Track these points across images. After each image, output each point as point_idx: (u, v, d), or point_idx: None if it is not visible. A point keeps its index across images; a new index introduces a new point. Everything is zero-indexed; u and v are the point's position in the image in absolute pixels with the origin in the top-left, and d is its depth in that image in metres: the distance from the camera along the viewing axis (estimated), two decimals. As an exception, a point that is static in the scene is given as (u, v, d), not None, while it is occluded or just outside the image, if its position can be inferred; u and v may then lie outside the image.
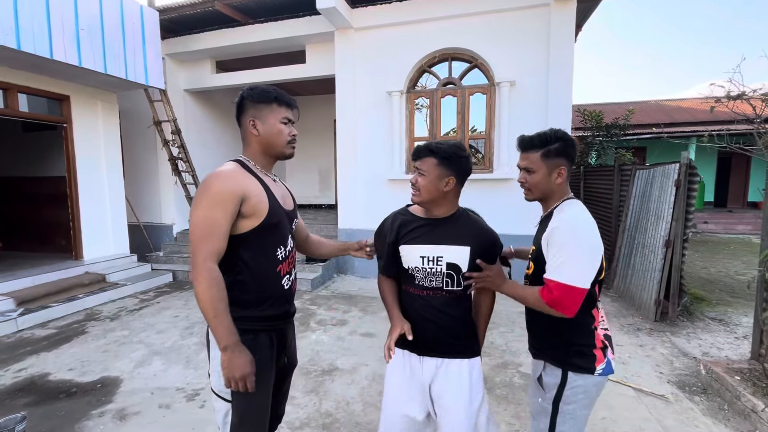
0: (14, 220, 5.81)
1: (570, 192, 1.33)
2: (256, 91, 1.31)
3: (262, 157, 1.35)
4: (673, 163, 4.04)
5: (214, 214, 1.16)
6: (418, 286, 1.39)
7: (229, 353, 1.15)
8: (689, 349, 3.29)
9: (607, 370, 1.25)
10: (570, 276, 1.16)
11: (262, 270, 1.29)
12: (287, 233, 1.38)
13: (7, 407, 2.50)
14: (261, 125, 1.30)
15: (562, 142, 1.27)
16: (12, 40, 3.75)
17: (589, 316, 1.26)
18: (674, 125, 11.11)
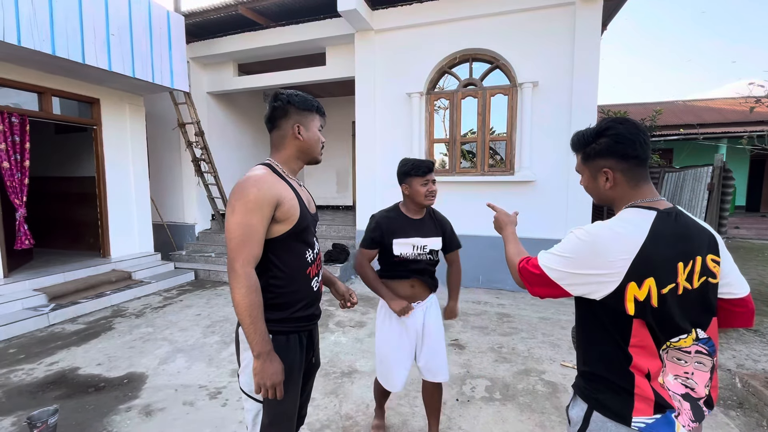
0: (46, 219, 6.05)
1: (648, 195, 1.03)
2: (299, 98, 1.34)
3: (295, 162, 1.38)
4: (705, 166, 3.88)
5: (250, 220, 1.17)
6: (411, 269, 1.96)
7: (262, 361, 1.17)
8: (722, 361, 3.15)
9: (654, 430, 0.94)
10: (545, 259, 1.06)
11: (293, 273, 1.31)
12: (313, 236, 1.41)
13: (40, 399, 2.59)
14: (305, 131, 1.34)
15: (603, 138, 1.05)
16: (48, 46, 3.90)
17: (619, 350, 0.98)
18: (703, 126, 10.70)
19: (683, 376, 0.99)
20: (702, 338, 0.99)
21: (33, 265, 4.99)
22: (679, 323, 0.96)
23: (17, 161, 4.41)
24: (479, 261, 5.27)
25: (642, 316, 0.94)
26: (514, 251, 1.25)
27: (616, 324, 0.98)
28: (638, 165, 1.03)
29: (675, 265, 0.95)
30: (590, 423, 1.01)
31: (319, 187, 10.03)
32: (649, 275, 0.93)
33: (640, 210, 1.00)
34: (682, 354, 0.98)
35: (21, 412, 2.44)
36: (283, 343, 1.28)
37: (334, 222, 7.04)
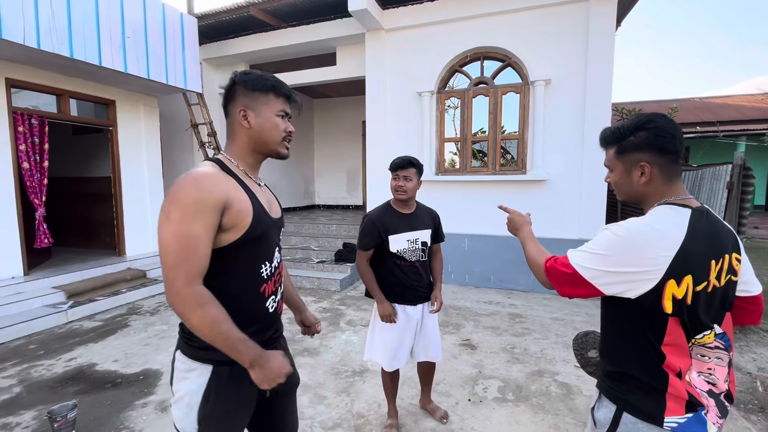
0: (64, 218, 6.19)
1: (680, 193, 1.02)
2: (251, 76, 1.12)
3: (250, 155, 1.15)
4: (724, 165, 3.79)
5: (191, 229, 0.93)
6: (407, 261, 2.08)
7: (257, 369, 0.99)
8: (743, 364, 3.07)
9: (687, 429, 0.93)
10: (578, 257, 1.01)
11: (242, 292, 1.08)
12: (273, 246, 1.17)
13: (59, 394, 2.66)
14: (254, 117, 1.10)
15: (642, 131, 1.02)
16: (66, 49, 3.99)
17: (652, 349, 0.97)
18: (721, 123, 10.45)
19: (706, 372, 0.99)
20: (719, 333, 1.00)
21: (51, 264, 5.11)
22: (703, 320, 0.96)
23: (36, 162, 4.52)
24: (490, 261, 5.24)
25: (678, 314, 0.93)
26: (535, 250, 1.19)
27: (651, 322, 0.96)
28: (674, 161, 1.01)
29: (709, 263, 0.95)
30: (620, 425, 0.99)
31: (329, 187, 10.09)
32: (688, 273, 0.92)
33: (675, 207, 0.99)
34: (705, 350, 0.98)
35: (41, 406, 2.50)
36: (226, 375, 1.05)
37: (345, 221, 7.06)
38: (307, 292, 5.11)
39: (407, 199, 2.07)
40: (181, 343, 1.10)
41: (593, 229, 4.78)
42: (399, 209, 2.11)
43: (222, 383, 1.05)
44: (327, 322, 4.02)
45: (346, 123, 9.56)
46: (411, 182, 2.02)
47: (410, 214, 2.12)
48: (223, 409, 1.06)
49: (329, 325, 3.91)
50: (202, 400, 1.04)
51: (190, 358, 1.07)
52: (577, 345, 1.41)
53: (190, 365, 1.06)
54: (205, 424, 1.04)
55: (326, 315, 4.22)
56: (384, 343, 2.13)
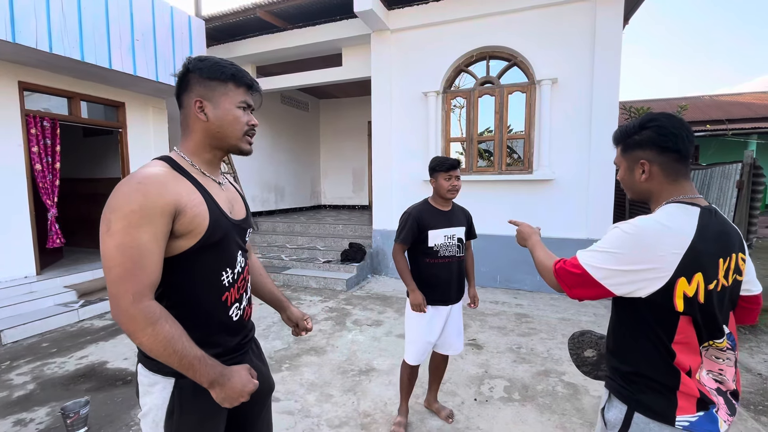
0: (75, 218, 6.29)
1: (687, 192, 1.02)
2: (206, 62, 0.99)
3: (207, 151, 1.03)
4: (734, 163, 3.74)
5: (137, 239, 0.83)
6: (441, 256, 2.14)
7: (219, 388, 0.90)
8: (753, 365, 3.04)
9: (700, 427, 0.93)
10: (587, 257, 1.00)
11: (201, 303, 0.98)
12: (236, 250, 1.05)
13: (72, 391, 2.71)
14: (211, 109, 0.98)
15: (645, 130, 1.03)
16: (77, 53, 4.06)
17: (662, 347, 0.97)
18: (732, 122, 10.30)
19: (717, 372, 0.99)
20: (726, 333, 1.00)
21: (63, 263, 5.20)
22: (719, 321, 0.97)
23: (48, 163, 4.60)
24: (497, 261, 5.22)
25: (690, 312, 0.94)
26: (543, 255, 1.19)
27: (662, 321, 0.96)
28: (678, 160, 1.01)
29: (717, 261, 0.96)
30: (632, 425, 0.98)
31: (335, 187, 10.13)
32: (698, 270, 0.92)
33: (684, 205, 0.99)
34: (719, 353, 0.99)
35: (54, 402, 2.55)
36: (189, 388, 0.95)
37: (351, 222, 7.09)
38: (313, 292, 5.14)
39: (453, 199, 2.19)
40: (141, 356, 0.99)
41: (601, 228, 4.75)
42: (438, 206, 2.20)
43: (186, 396, 0.96)
44: (333, 321, 4.04)
45: (351, 123, 9.60)
46: (460, 181, 2.15)
47: (448, 211, 2.21)
48: (190, 423, 0.97)
49: (335, 325, 3.93)
50: (166, 415, 0.95)
51: (151, 371, 0.97)
52: (573, 344, 1.39)
53: (152, 379, 0.97)
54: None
55: (332, 314, 4.24)
56: (411, 338, 2.20)
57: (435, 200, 2.22)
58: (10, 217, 4.23)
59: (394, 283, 5.54)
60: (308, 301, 4.73)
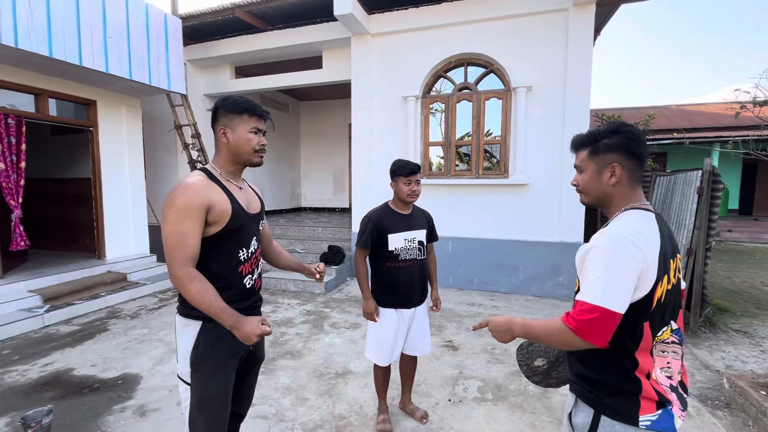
0: (42, 220, 6.03)
1: (641, 199, 1.09)
2: (229, 101, 1.38)
3: (231, 165, 1.42)
4: (695, 170, 3.94)
5: (182, 226, 1.23)
6: (402, 260, 2.17)
7: (235, 331, 1.22)
8: (711, 362, 3.20)
9: (660, 425, 0.99)
10: (600, 296, 0.94)
11: (222, 270, 1.35)
12: (251, 235, 1.45)
13: (34, 400, 2.60)
14: (231, 134, 1.37)
15: (615, 135, 1.08)
16: (45, 48, 3.92)
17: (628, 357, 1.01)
18: (696, 130, 10.83)
19: (666, 367, 1.04)
20: (674, 329, 1.06)
21: (28, 267, 4.98)
22: (666, 317, 1.03)
23: (13, 162, 4.41)
24: (473, 263, 5.31)
25: (651, 316, 0.99)
26: (542, 324, 1.07)
27: (630, 330, 0.99)
28: (639, 166, 1.08)
29: (670, 261, 1.03)
30: (599, 428, 1.03)
31: (315, 189, 10.07)
32: (665, 272, 0.99)
33: (642, 211, 1.05)
34: (664, 346, 1.05)
35: (15, 412, 2.44)
36: (212, 329, 1.33)
37: (330, 224, 7.07)
38: (291, 295, 5.10)
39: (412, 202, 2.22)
40: (179, 307, 1.39)
41: (573, 232, 4.90)
42: (398, 210, 2.22)
43: (209, 335, 1.33)
44: (311, 324, 4.02)
45: (332, 125, 9.58)
46: (420, 186, 2.19)
47: (408, 214, 2.23)
48: (209, 354, 1.33)
49: (313, 328, 3.92)
50: (192, 347, 1.32)
51: (185, 317, 1.36)
52: (522, 355, 1.33)
53: (185, 322, 1.35)
54: (196, 366, 1.32)
55: (310, 318, 4.22)
56: (377, 340, 2.23)
57: (395, 203, 2.24)
58: (-30, 218, 4.03)
59: (373, 285, 5.54)
60: (286, 305, 4.69)
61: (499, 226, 5.24)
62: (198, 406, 1.32)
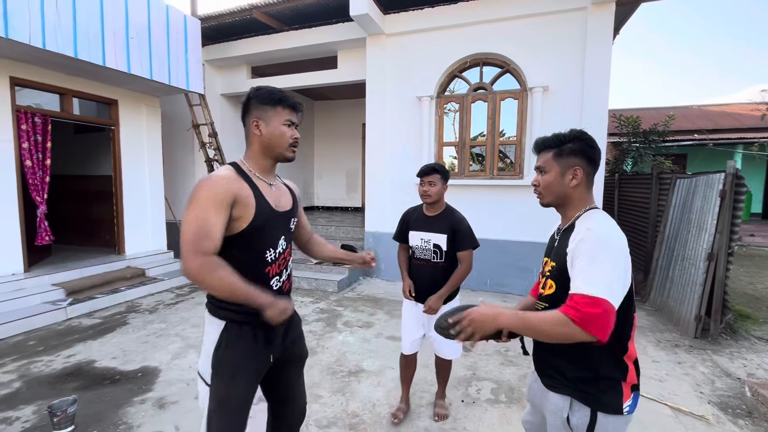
0: (64, 216, 6.22)
1: (593, 201, 1.21)
2: (262, 91, 1.32)
3: (263, 159, 1.35)
4: (717, 173, 3.84)
5: (205, 214, 1.17)
6: (417, 258, 2.31)
7: (266, 310, 1.21)
8: (733, 369, 3.12)
9: (634, 407, 1.12)
10: (603, 289, 0.96)
11: (248, 271, 1.27)
12: (278, 235, 1.38)
13: (59, 390, 2.69)
14: (264, 126, 1.30)
15: (578, 141, 1.18)
16: (70, 49, 4.04)
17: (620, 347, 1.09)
18: (719, 132, 10.53)
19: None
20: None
21: (51, 261, 5.14)
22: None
23: (39, 160, 4.56)
24: (487, 265, 5.27)
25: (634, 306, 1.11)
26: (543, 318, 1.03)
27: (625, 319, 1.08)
28: (595, 172, 1.21)
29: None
30: (597, 424, 1.09)
31: (328, 189, 10.14)
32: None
33: (604, 212, 1.17)
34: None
35: (41, 401, 2.53)
36: (235, 330, 1.30)
37: (343, 223, 7.11)
38: (304, 293, 5.15)
39: (432, 202, 2.26)
40: (207, 304, 1.36)
41: (589, 234, 4.82)
42: (425, 211, 2.33)
43: (231, 336, 1.29)
44: (324, 322, 4.06)
45: (346, 125, 9.63)
46: (435, 187, 2.22)
47: (432, 216, 2.29)
48: (231, 357, 1.29)
49: (326, 326, 3.95)
50: (215, 348, 1.29)
51: (212, 315, 1.33)
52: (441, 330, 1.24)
53: (211, 320, 1.32)
54: (216, 368, 1.29)
55: (323, 316, 4.26)
56: (402, 328, 2.41)
57: (424, 205, 2.35)
58: (-1, 213, 4.19)
59: (386, 285, 5.57)
60: (299, 302, 4.74)
61: (513, 227, 5.20)
62: (216, 409, 1.28)
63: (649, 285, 4.87)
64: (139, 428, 2.29)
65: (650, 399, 2.64)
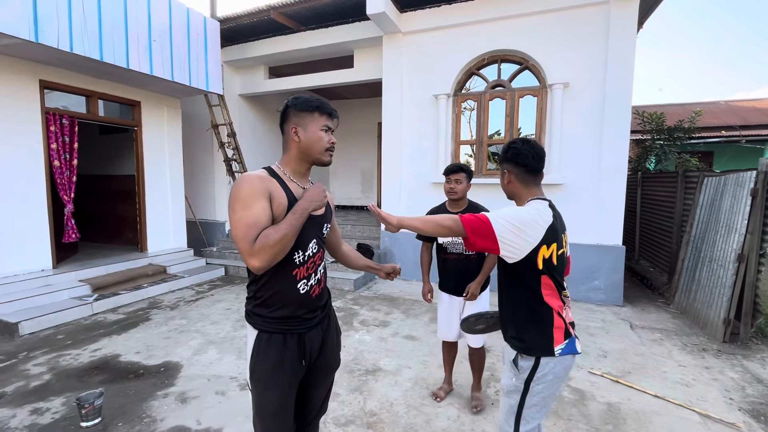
0: (90, 214, 6.43)
1: (538, 194, 1.50)
2: (300, 100, 1.36)
3: (299, 163, 1.39)
4: (748, 171, 3.69)
5: (250, 210, 1.21)
6: (449, 252, 2.45)
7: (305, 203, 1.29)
8: (765, 375, 2.99)
9: (568, 350, 1.41)
10: (494, 218, 1.37)
11: (276, 270, 1.30)
12: (310, 237, 1.38)
13: (86, 383, 2.78)
14: (303, 132, 1.34)
15: (507, 151, 1.52)
16: (96, 53, 4.16)
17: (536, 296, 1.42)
18: (748, 128, 10.12)
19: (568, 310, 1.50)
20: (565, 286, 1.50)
21: (78, 258, 5.32)
22: (562, 277, 1.47)
23: (66, 160, 4.72)
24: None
25: (547, 271, 1.40)
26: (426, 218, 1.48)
27: (532, 276, 1.41)
28: (526, 172, 1.49)
29: (562, 236, 1.46)
30: (539, 367, 1.41)
31: (344, 188, 10.18)
32: (554, 241, 1.40)
33: (540, 201, 1.48)
34: (566, 299, 1.49)
35: (69, 393, 2.62)
36: (265, 340, 1.33)
37: (359, 222, 7.12)
38: (321, 291, 5.18)
39: (458, 199, 2.41)
40: (245, 311, 1.41)
41: (611, 234, 4.71)
42: (449, 207, 2.48)
43: (262, 346, 1.33)
44: (340, 321, 4.07)
45: (361, 124, 9.64)
46: (461, 185, 2.38)
47: (457, 212, 2.38)
48: (264, 367, 1.33)
49: (343, 325, 3.97)
50: (251, 356, 1.35)
51: (249, 323, 1.38)
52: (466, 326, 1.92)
53: (250, 328, 1.38)
54: (252, 378, 1.35)
55: (340, 314, 4.28)
56: (438, 318, 2.61)
57: (448, 202, 2.50)
58: (30, 211, 4.35)
59: (402, 284, 5.55)
60: (316, 301, 4.77)
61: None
62: (256, 416, 1.36)
63: (674, 287, 4.72)
64: (162, 422, 2.35)
65: (677, 404, 2.56)
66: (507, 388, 1.51)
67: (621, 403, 2.58)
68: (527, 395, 1.42)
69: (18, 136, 4.23)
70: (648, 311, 4.50)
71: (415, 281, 5.65)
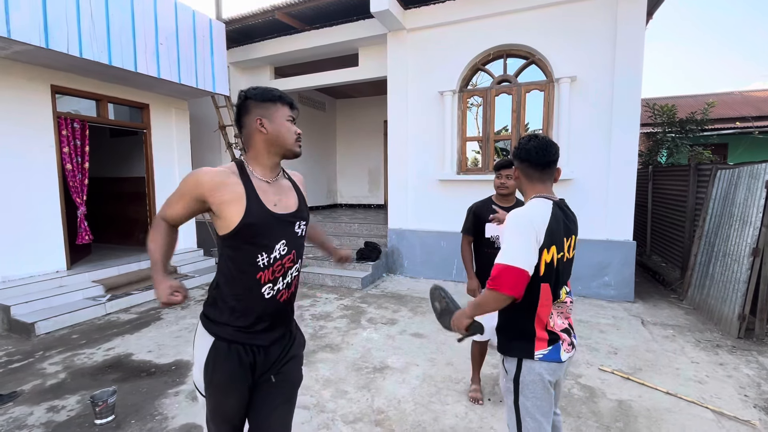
0: (103, 216, 6.55)
1: (543, 191, 1.46)
2: (259, 90, 1.29)
3: (266, 158, 1.31)
4: (763, 162, 3.60)
5: (174, 196, 1.27)
6: (497, 247, 2.25)
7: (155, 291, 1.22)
8: (781, 372, 2.93)
9: (550, 357, 1.39)
10: (507, 257, 1.30)
11: (238, 274, 1.25)
12: (277, 238, 1.28)
13: (100, 381, 2.84)
14: (269, 123, 1.27)
15: (515, 149, 1.52)
16: (105, 57, 4.23)
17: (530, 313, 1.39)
18: (764, 119, 9.86)
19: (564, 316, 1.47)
20: (568, 291, 1.48)
21: (91, 259, 5.42)
22: (562, 280, 1.42)
23: (78, 163, 4.81)
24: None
25: (548, 278, 1.35)
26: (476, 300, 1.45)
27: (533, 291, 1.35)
28: (530, 167, 1.46)
29: (563, 238, 1.39)
30: (521, 368, 1.41)
31: (351, 186, 10.21)
32: (553, 244, 1.34)
33: (543, 199, 1.42)
34: (562, 304, 1.46)
35: (84, 391, 2.68)
36: (224, 350, 1.24)
37: (366, 220, 7.13)
38: (329, 290, 5.21)
39: (507, 194, 2.44)
40: (201, 316, 1.33)
41: (621, 229, 4.65)
42: (499, 202, 2.49)
43: (219, 356, 1.25)
44: (348, 319, 4.09)
45: (367, 123, 9.65)
46: (512, 180, 2.36)
47: (508, 207, 2.40)
48: (219, 379, 1.25)
49: (350, 323, 3.98)
50: (205, 367, 1.26)
51: (204, 327, 1.29)
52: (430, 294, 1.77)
53: (202, 333, 1.29)
54: (207, 388, 1.26)
55: (348, 312, 4.30)
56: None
57: (497, 197, 2.52)
58: (44, 214, 4.44)
59: (409, 282, 5.55)
60: (324, 299, 4.80)
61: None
62: (209, 419, 1.30)
63: (686, 282, 4.63)
64: (173, 419, 2.39)
65: (690, 401, 2.52)
66: (502, 389, 1.54)
67: (632, 401, 2.55)
68: (519, 396, 1.43)
69: (31, 140, 4.32)
70: (660, 307, 4.43)
71: (422, 279, 5.65)
